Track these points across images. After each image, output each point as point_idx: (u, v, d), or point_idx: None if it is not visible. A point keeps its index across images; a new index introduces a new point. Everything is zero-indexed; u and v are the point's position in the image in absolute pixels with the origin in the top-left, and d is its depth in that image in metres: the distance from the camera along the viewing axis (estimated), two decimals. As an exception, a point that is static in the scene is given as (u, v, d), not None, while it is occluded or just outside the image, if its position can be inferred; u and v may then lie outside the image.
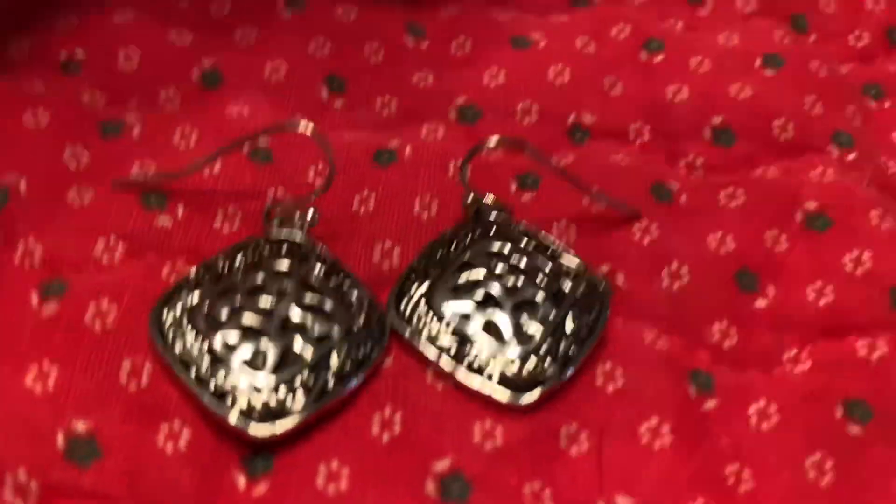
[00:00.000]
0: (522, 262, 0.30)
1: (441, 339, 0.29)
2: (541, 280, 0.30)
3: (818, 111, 0.36)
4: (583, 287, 0.30)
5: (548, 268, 0.30)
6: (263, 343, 0.28)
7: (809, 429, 0.29)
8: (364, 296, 0.29)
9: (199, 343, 0.27)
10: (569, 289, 0.30)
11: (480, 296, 0.30)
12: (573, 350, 0.29)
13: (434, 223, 0.32)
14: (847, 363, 0.30)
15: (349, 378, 0.28)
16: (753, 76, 0.37)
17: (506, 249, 0.31)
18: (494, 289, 0.30)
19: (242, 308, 0.28)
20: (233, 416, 0.26)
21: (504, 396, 0.28)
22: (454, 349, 0.29)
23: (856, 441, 0.29)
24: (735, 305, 0.32)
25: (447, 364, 0.28)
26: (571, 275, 0.30)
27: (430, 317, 0.29)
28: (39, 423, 0.26)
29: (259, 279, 0.29)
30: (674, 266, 0.32)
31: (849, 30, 0.40)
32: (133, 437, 0.26)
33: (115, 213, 0.31)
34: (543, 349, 0.29)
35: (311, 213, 0.31)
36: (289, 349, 0.28)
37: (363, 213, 0.32)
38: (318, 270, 0.29)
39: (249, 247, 0.30)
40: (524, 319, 0.29)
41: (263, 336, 0.28)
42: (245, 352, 0.27)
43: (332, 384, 0.27)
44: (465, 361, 0.28)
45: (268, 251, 0.30)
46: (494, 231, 0.31)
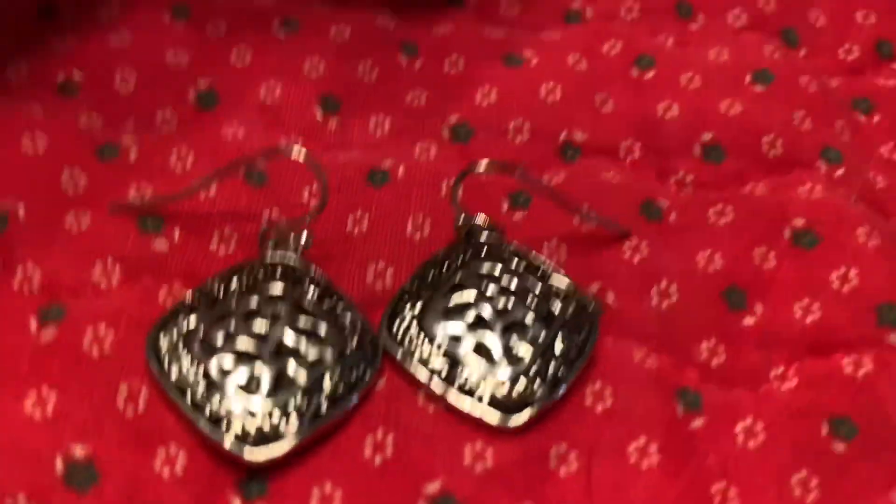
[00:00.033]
0: (513, 284, 0.31)
1: (432, 362, 0.29)
2: (531, 301, 0.31)
3: (807, 126, 0.37)
4: (572, 308, 0.30)
5: (538, 289, 0.31)
6: (258, 367, 0.28)
7: (795, 446, 0.29)
8: (357, 318, 0.30)
9: (195, 368, 0.28)
10: (558, 310, 0.30)
11: (471, 318, 0.30)
12: (562, 371, 0.29)
13: (427, 243, 0.33)
14: (833, 380, 0.31)
15: (342, 401, 0.28)
16: (743, 92, 0.37)
17: (496, 271, 0.31)
18: (485, 311, 0.30)
19: (237, 333, 0.29)
20: (228, 441, 0.27)
21: (494, 418, 0.28)
22: (445, 371, 0.29)
23: (840, 458, 0.29)
24: (723, 323, 0.32)
25: (438, 386, 0.29)
26: (561, 295, 0.31)
27: (422, 339, 0.30)
28: (38, 449, 0.26)
29: (253, 303, 0.29)
30: (663, 284, 0.32)
31: (839, 43, 0.41)
32: (130, 462, 0.27)
33: (113, 237, 0.31)
34: (533, 370, 0.29)
35: (305, 236, 0.31)
36: (283, 373, 0.28)
37: (357, 234, 0.33)
38: (312, 294, 0.30)
39: (244, 270, 0.30)
40: (514, 341, 0.30)
41: (258, 360, 0.28)
42: (240, 376, 0.28)
43: (326, 407, 0.28)
44: (456, 383, 0.29)
45: (262, 274, 0.30)
46: (486, 252, 0.32)
